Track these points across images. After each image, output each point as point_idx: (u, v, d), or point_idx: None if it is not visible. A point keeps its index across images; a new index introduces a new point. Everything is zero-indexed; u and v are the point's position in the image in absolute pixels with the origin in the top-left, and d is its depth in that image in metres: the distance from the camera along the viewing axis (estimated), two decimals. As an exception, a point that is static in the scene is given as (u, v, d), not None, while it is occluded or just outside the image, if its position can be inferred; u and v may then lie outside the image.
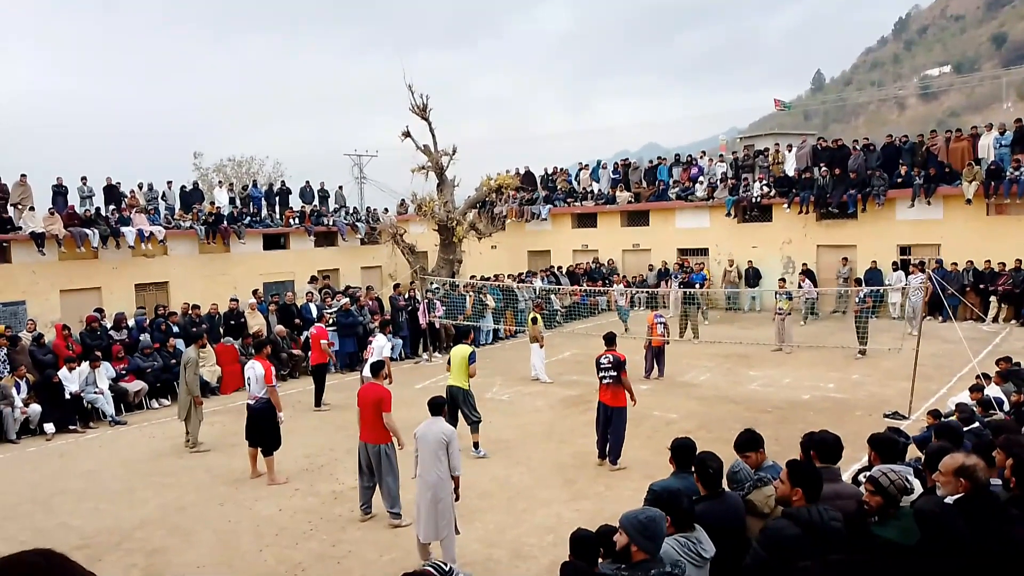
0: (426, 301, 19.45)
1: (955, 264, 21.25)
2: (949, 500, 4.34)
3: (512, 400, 14.46)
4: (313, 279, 22.70)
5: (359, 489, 8.81)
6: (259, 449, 10.35)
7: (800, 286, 21.51)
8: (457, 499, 7.48)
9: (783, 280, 20.41)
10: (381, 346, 13.44)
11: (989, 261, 20.94)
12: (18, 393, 13.25)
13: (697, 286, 22.56)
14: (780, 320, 17.94)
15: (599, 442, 10.42)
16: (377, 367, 9.31)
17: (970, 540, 3.87)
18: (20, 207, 20.00)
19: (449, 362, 11.63)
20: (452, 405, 10.87)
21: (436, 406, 7.79)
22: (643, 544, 3.87)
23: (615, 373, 10.11)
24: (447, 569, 4.14)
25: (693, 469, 4.98)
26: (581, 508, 8.81)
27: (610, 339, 10.78)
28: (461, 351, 11.28)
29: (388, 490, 8.55)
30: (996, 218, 21.46)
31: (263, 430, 10.29)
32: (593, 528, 4.78)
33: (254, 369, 10.33)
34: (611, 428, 10.21)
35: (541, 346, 16.02)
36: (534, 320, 16.33)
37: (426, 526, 7.31)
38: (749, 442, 5.45)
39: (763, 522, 4.66)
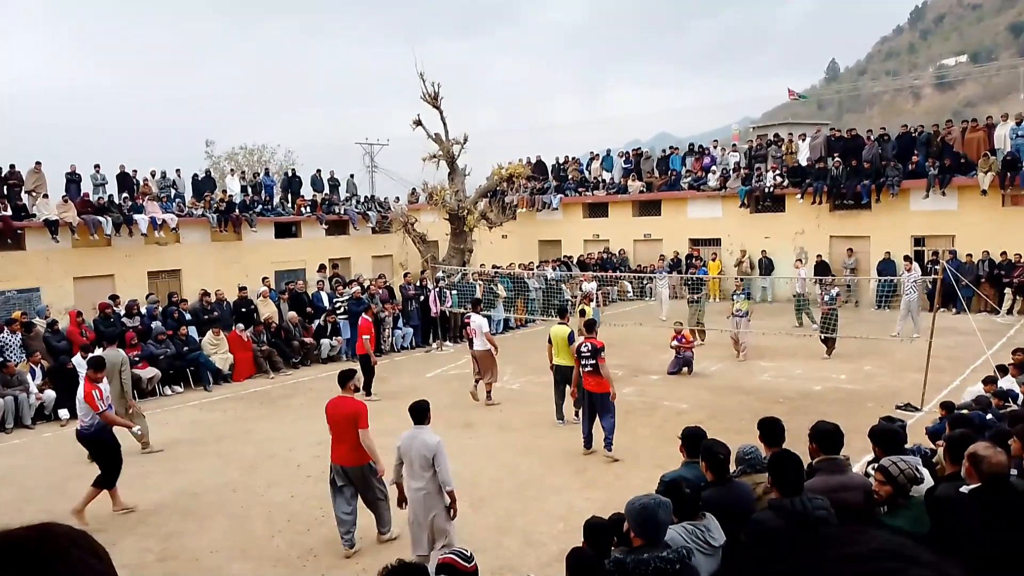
0: (436, 290, 19.47)
1: (970, 255, 21.10)
2: (965, 489, 4.31)
3: (522, 389, 14.49)
4: (322, 268, 22.75)
5: (336, 519, 7.68)
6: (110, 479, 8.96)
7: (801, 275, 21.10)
8: (453, 516, 6.82)
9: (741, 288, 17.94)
10: (479, 324, 13.32)
11: (1005, 252, 20.78)
12: (33, 379, 13.39)
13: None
14: (736, 322, 16.45)
15: (585, 430, 10.42)
16: (346, 376, 7.95)
17: (984, 530, 3.84)
18: (34, 195, 20.12)
19: (550, 341, 11.85)
20: (562, 382, 11.58)
21: (419, 412, 6.90)
22: (637, 530, 3.95)
23: (594, 361, 10.09)
24: (468, 555, 4.19)
25: (701, 456, 4.99)
26: (592, 497, 8.83)
27: (589, 326, 10.82)
28: (561, 331, 11.60)
29: (381, 514, 7.79)
30: (1012, 209, 21.30)
31: (96, 459, 8.99)
32: (605, 516, 4.81)
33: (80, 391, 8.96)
34: (600, 416, 10.18)
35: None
36: (583, 312, 15.97)
37: (417, 542, 6.86)
38: (764, 429, 5.49)
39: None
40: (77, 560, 0.96)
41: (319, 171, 28.56)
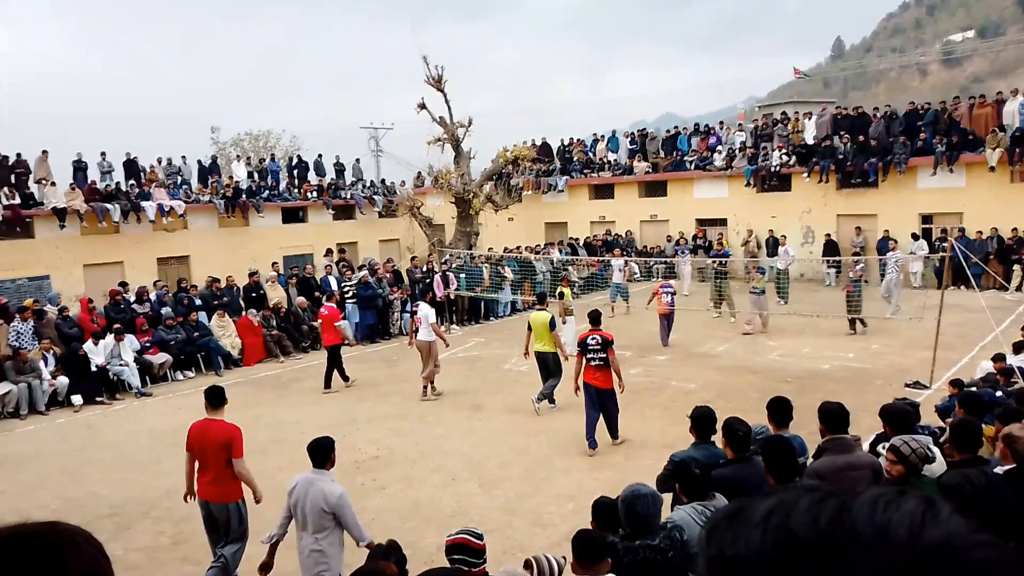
0: (440, 274, 19.44)
1: (979, 232, 21.00)
2: (999, 470, 4.32)
3: (530, 371, 14.48)
4: (329, 252, 22.76)
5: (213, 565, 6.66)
6: None
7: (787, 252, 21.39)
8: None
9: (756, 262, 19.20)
10: (426, 313, 12.93)
11: (1016, 229, 20.68)
12: (46, 366, 13.50)
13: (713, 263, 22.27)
14: (755, 298, 16.84)
15: (589, 430, 9.73)
16: (218, 395, 6.77)
17: (1018, 513, 3.81)
18: (43, 183, 20.19)
19: (529, 328, 11.71)
20: (544, 368, 11.59)
21: (320, 450, 5.65)
22: (623, 521, 4.14)
23: (604, 355, 9.63)
24: (479, 533, 4.25)
25: (722, 433, 5.02)
26: (601, 477, 8.87)
27: (595, 318, 10.17)
28: (541, 317, 11.47)
29: (229, 561, 6.60)
30: (1020, 185, 21.17)
31: None
32: (614, 496, 4.84)
33: None
34: (605, 411, 9.80)
35: (567, 319, 15.82)
36: (561, 295, 15.96)
37: None
38: (773, 409, 5.50)
39: None
40: (88, 554, 1.01)
41: (320, 156, 28.50)
